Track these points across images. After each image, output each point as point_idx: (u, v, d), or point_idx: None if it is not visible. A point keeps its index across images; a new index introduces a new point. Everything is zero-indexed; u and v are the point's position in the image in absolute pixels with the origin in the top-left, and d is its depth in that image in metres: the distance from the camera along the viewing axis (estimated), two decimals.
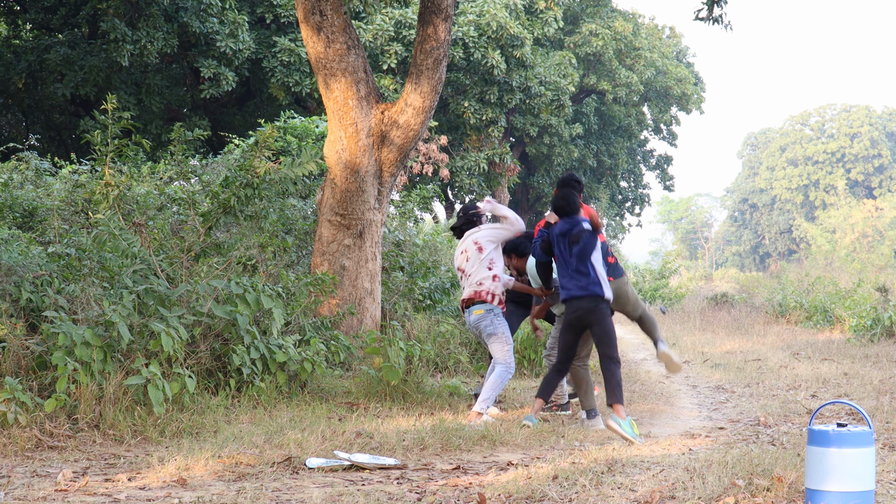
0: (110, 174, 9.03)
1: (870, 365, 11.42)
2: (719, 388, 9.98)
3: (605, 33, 31.18)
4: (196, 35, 19.77)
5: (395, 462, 5.86)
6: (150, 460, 5.68)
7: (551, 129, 29.71)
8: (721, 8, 11.08)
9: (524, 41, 24.12)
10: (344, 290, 9.78)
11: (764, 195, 71.99)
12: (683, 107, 36.62)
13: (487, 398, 7.50)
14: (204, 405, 7.13)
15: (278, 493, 5.10)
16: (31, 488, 5.07)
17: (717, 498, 4.80)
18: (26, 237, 9.01)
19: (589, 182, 36.00)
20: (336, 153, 9.72)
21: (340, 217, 9.79)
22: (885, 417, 7.49)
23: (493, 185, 27.18)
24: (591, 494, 4.98)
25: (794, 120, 72.12)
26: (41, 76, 20.54)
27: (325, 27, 9.51)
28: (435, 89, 9.74)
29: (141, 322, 7.13)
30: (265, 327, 8.04)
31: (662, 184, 42.64)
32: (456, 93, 24.74)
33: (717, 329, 17.21)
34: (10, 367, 6.61)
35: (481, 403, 7.47)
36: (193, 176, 11.81)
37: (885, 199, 52.72)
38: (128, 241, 8.48)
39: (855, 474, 4.48)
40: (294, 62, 21.09)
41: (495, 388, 7.55)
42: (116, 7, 18.73)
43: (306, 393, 8.11)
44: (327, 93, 9.69)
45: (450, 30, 9.72)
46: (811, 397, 9.06)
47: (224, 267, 8.74)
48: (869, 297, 16.72)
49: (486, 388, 7.54)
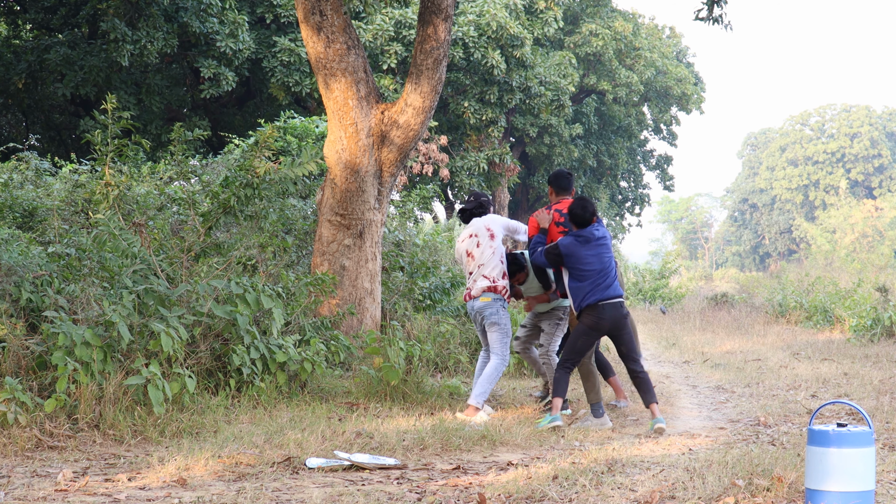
0: (110, 174, 9.03)
1: (870, 365, 11.42)
2: (719, 388, 9.98)
3: (605, 33, 31.18)
4: (196, 35, 19.77)
5: (395, 462, 5.86)
6: (150, 460, 5.69)
7: (551, 129, 29.72)
8: (721, 8, 11.08)
9: (524, 41, 24.12)
10: (344, 290, 9.78)
11: (764, 195, 71.99)
12: (683, 107, 36.62)
13: (483, 392, 7.55)
14: (204, 405, 7.13)
15: (278, 493, 5.10)
16: (31, 488, 5.07)
17: (717, 498, 4.80)
18: (26, 237, 9.01)
19: (589, 182, 36.01)
20: (336, 153, 9.72)
21: (340, 217, 9.79)
22: (885, 417, 7.49)
23: (493, 185, 27.18)
24: (591, 494, 4.98)
25: (794, 120, 72.12)
26: (41, 76, 20.53)
27: (325, 27, 9.51)
28: (435, 89, 9.75)
29: (141, 322, 7.13)
30: (265, 327, 8.05)
31: (662, 184, 42.64)
32: (456, 93, 24.74)
33: (717, 329, 17.21)
34: (10, 367, 6.61)
35: (478, 397, 7.51)
36: (193, 176, 11.80)
37: (885, 199, 52.71)
38: (128, 241, 8.48)
39: (855, 474, 4.48)
40: (294, 62, 21.09)
41: (491, 381, 7.61)
42: (116, 7, 18.72)
43: (306, 393, 8.11)
44: (327, 93, 9.69)
45: (450, 30, 9.72)
46: (811, 397, 9.06)
47: (224, 267, 8.74)
48: (869, 297, 16.72)
49: (483, 382, 7.58)
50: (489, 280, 7.75)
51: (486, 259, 7.79)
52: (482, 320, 7.79)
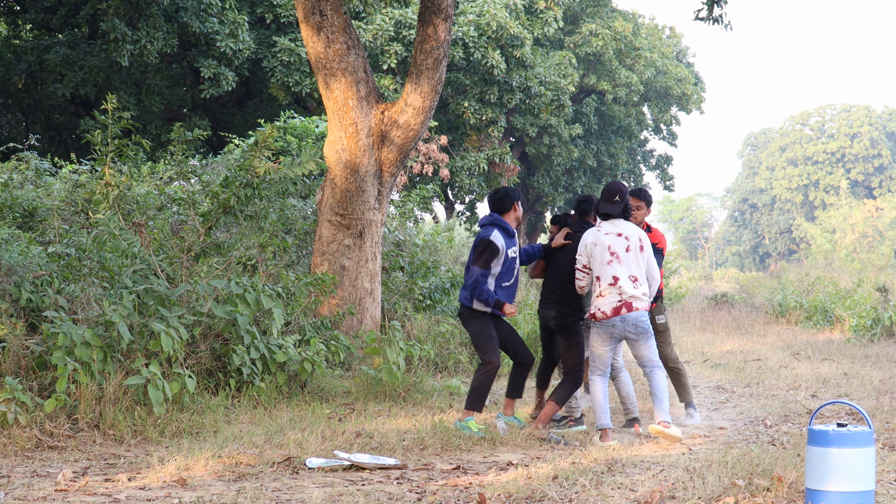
0: (110, 174, 9.04)
1: (870, 365, 11.42)
2: (719, 388, 9.98)
3: (605, 33, 31.17)
4: (196, 35, 19.76)
5: (395, 462, 5.86)
6: (150, 460, 5.69)
7: (551, 129, 29.70)
8: (721, 8, 11.07)
9: (524, 41, 24.11)
10: (344, 290, 9.78)
11: (764, 195, 71.97)
12: (683, 107, 36.60)
13: (666, 407, 6.87)
14: (204, 405, 7.14)
15: (278, 493, 5.10)
16: (31, 488, 5.07)
17: (717, 498, 4.80)
18: (26, 237, 9.01)
19: (589, 182, 35.99)
20: (336, 153, 9.72)
21: (340, 217, 9.79)
22: (885, 417, 7.49)
23: (493, 185, 27.15)
24: (591, 494, 4.98)
25: (794, 120, 72.11)
26: (41, 76, 20.52)
27: (325, 27, 9.51)
28: (435, 89, 9.75)
29: (141, 322, 7.13)
30: (265, 327, 8.04)
31: (662, 184, 42.61)
32: (456, 93, 24.74)
33: (717, 329, 17.20)
34: (10, 367, 6.61)
35: (666, 414, 6.82)
36: (193, 176, 11.81)
37: (885, 199, 52.68)
38: (128, 241, 8.48)
39: (855, 474, 4.48)
40: (294, 62, 21.08)
41: (667, 394, 6.95)
42: (116, 7, 18.72)
43: (306, 393, 8.11)
44: (327, 93, 9.69)
45: (450, 30, 9.72)
46: (811, 397, 9.06)
47: (224, 267, 8.74)
48: (869, 297, 16.72)
49: (663, 399, 6.84)
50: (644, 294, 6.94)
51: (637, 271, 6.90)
52: (636, 332, 6.88)
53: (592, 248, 6.87)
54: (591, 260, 6.88)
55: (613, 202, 6.92)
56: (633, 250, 6.84)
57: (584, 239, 6.96)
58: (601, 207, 6.97)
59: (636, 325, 6.82)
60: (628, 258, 6.83)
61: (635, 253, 6.85)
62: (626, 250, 6.83)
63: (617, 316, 6.78)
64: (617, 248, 6.82)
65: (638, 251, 6.86)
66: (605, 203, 6.94)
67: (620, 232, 6.87)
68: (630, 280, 6.81)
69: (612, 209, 6.91)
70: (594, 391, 6.90)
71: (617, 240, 6.85)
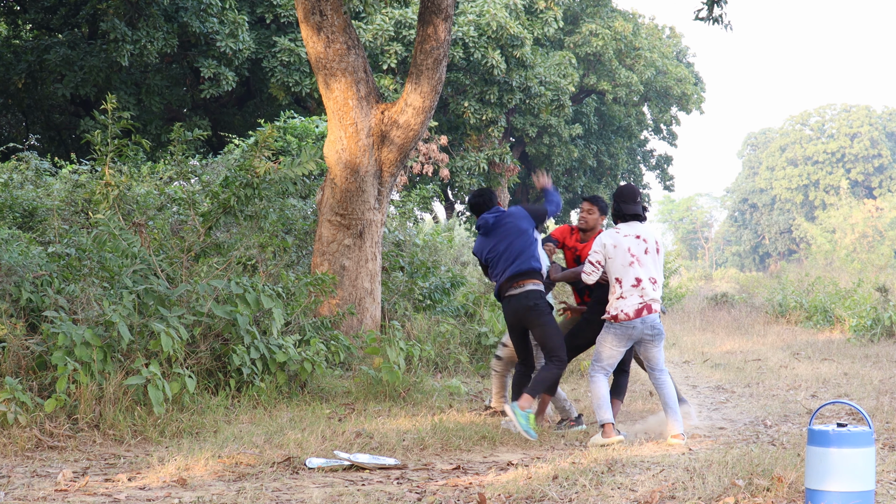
0: (110, 174, 9.04)
1: (870, 365, 11.42)
2: (719, 388, 9.98)
3: (605, 33, 31.17)
4: (196, 35, 19.76)
5: (395, 462, 5.86)
6: (150, 460, 5.69)
7: (551, 129, 29.70)
8: (721, 8, 11.08)
9: (524, 41, 24.12)
10: (344, 290, 9.78)
11: (764, 195, 71.99)
12: (683, 107, 36.60)
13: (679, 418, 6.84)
14: (204, 405, 7.14)
15: (278, 493, 5.10)
16: (31, 488, 5.07)
17: (717, 498, 4.80)
18: (26, 237, 9.01)
19: (589, 182, 35.99)
20: (336, 153, 9.72)
21: (340, 217, 9.79)
22: (885, 417, 7.49)
23: (493, 185, 27.15)
24: (591, 494, 4.98)
25: (794, 120, 72.11)
26: (41, 76, 20.53)
27: (325, 27, 9.51)
28: (435, 89, 9.75)
29: (141, 322, 7.13)
30: (265, 327, 8.05)
31: (662, 184, 42.61)
32: (456, 93, 24.74)
33: (717, 329, 17.21)
34: (10, 367, 6.61)
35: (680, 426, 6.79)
36: (193, 176, 11.81)
37: (885, 199, 52.67)
38: (128, 241, 8.48)
39: (855, 474, 4.48)
40: (294, 62, 21.09)
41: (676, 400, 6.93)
42: (116, 7, 18.72)
43: (306, 393, 8.11)
44: (327, 93, 9.69)
45: (450, 30, 9.72)
46: (811, 397, 9.06)
47: (224, 267, 8.74)
48: (869, 297, 16.72)
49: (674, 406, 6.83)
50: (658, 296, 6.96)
51: (658, 275, 6.93)
52: (650, 336, 6.87)
53: (612, 250, 6.86)
54: (609, 262, 6.87)
55: (636, 202, 6.98)
56: (650, 252, 6.87)
57: (601, 238, 6.96)
58: (626, 209, 6.97)
59: (654, 327, 6.85)
60: (647, 260, 6.85)
61: (653, 255, 6.89)
62: (645, 252, 6.85)
63: (639, 318, 6.78)
64: (636, 251, 6.84)
65: (655, 253, 6.91)
66: (630, 204, 6.96)
67: (639, 234, 6.89)
68: (650, 282, 6.84)
69: (638, 209, 6.97)
70: (596, 388, 6.89)
71: (636, 242, 6.86)
